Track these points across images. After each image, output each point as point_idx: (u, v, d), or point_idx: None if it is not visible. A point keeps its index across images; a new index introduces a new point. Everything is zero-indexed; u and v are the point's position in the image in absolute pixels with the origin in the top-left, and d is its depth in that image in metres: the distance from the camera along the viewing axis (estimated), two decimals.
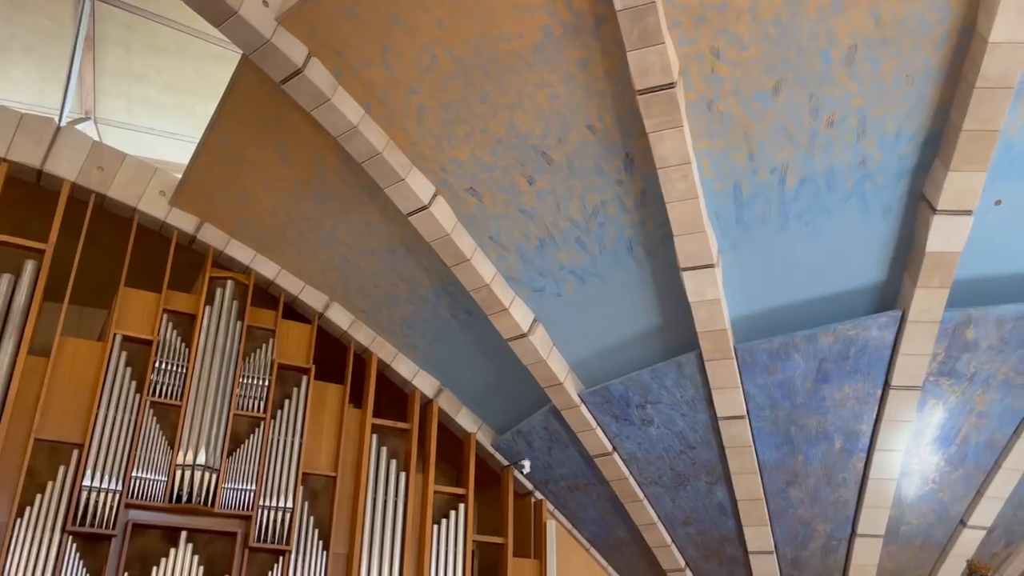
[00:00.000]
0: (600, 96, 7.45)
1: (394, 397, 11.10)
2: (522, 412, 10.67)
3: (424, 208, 8.56)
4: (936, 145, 7.43)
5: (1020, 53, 6.47)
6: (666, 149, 7.34)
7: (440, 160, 8.34)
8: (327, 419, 10.33)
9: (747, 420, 9.11)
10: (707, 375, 8.83)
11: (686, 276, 8.14)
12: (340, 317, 10.85)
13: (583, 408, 9.72)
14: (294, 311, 10.82)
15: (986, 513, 9.82)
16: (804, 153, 7.63)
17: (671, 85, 6.93)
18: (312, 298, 10.77)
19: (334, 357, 10.79)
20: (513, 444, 10.93)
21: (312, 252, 10.24)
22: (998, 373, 8.85)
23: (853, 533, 9.78)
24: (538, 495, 11.30)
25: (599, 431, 9.86)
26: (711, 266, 8.07)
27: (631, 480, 10.13)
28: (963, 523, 9.91)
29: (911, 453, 9.32)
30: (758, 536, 9.90)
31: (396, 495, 10.28)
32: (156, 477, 9.00)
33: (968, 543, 10.01)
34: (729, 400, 8.98)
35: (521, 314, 9.29)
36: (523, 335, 9.32)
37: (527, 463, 10.65)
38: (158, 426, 9.24)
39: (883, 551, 9.87)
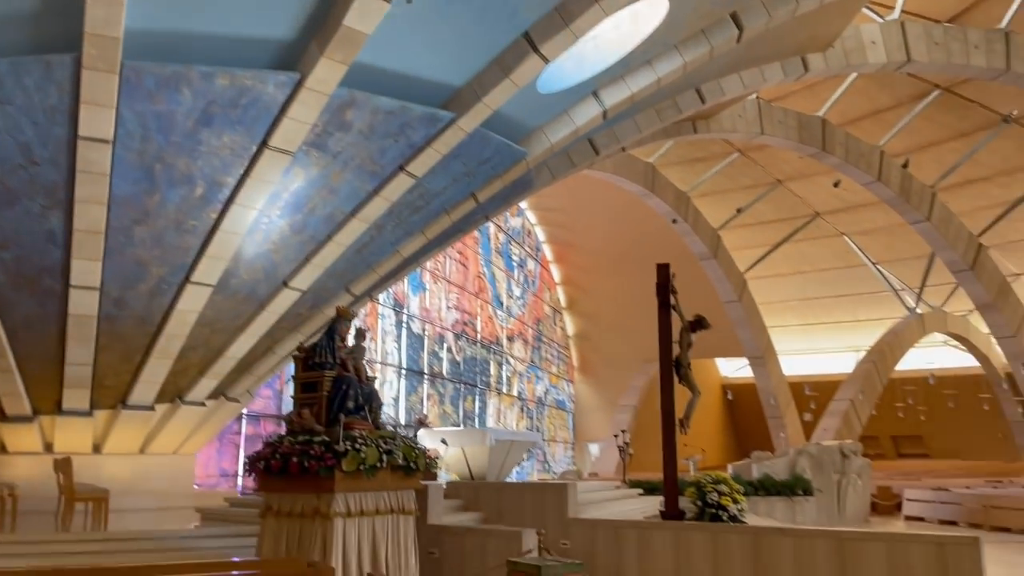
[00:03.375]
0: None
1: None
2: None
3: None
4: None
5: None
6: None
7: None
8: None
9: (112, 146, 8.17)
10: (80, 85, 7.55)
11: None
12: None
13: None
14: None
15: (306, 278, 10.91)
16: None
17: None
18: None
19: None
20: None
21: None
22: (357, 157, 9.73)
23: (186, 280, 9.81)
24: None
25: None
26: None
27: None
28: (285, 284, 10.84)
29: (263, 213, 9.69)
30: (86, 271, 9.12)
31: None
32: None
33: (283, 301, 11.02)
34: (98, 120, 7.87)
35: None
36: None
37: None
38: None
39: (208, 300, 10.17)
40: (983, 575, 6.27)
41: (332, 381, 6.28)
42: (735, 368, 39.73)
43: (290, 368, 17.13)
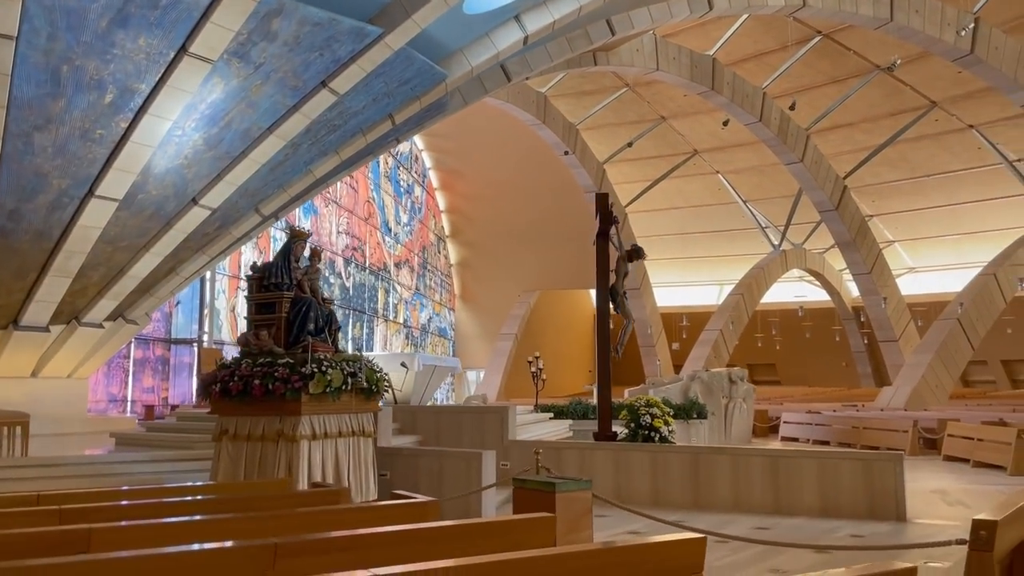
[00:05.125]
0: None
1: None
2: None
3: None
4: None
5: None
6: None
7: None
8: None
9: (15, 43, 7.40)
10: None
11: None
12: None
13: None
14: None
15: (217, 196, 10.38)
16: None
17: None
18: None
19: None
20: None
21: None
22: (280, 70, 9.24)
23: (90, 193, 9.16)
24: None
25: None
26: None
27: None
28: (195, 201, 10.28)
29: (177, 125, 9.10)
30: None
31: None
32: None
33: (192, 220, 10.47)
34: (1, 13, 7.11)
35: None
36: None
37: None
38: None
39: (113, 215, 9.54)
40: (904, 487, 6.93)
41: (290, 302, 6.08)
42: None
43: (183, 293, 16.39)
